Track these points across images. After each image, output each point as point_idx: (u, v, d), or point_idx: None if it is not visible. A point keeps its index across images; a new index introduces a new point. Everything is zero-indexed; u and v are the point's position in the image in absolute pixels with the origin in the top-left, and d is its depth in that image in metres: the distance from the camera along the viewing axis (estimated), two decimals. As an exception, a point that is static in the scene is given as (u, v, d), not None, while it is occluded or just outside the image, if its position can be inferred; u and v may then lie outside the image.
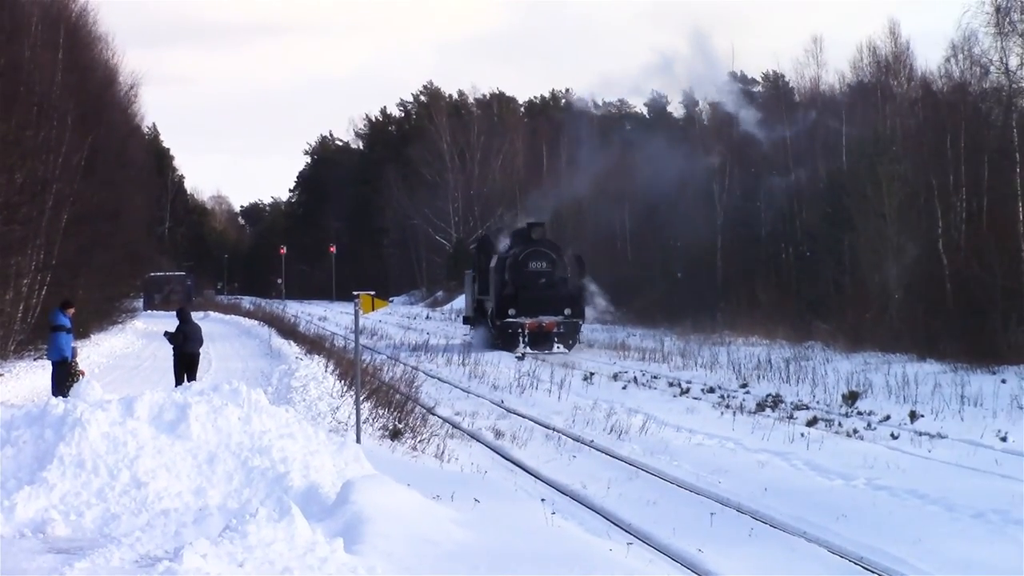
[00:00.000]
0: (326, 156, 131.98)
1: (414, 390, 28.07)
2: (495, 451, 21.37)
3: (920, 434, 22.09)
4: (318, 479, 13.69)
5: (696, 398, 29.13)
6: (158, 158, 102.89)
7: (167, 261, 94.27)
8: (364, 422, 20.34)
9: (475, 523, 12.54)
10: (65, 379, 21.54)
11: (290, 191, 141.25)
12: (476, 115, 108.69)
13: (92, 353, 38.12)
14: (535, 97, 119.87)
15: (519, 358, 40.87)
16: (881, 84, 51.75)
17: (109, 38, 54.23)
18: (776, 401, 27.62)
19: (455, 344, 48.21)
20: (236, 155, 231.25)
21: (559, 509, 15.45)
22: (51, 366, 22.92)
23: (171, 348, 24.84)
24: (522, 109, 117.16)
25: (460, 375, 35.48)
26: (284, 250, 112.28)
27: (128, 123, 62.87)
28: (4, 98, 32.49)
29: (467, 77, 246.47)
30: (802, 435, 22.11)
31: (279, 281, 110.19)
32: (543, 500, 15.96)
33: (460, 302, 65.96)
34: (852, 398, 26.78)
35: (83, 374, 21.87)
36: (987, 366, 32.54)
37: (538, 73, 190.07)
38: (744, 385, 31.78)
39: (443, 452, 20.01)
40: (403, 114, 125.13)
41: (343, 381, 26.86)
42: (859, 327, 42.18)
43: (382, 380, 28.25)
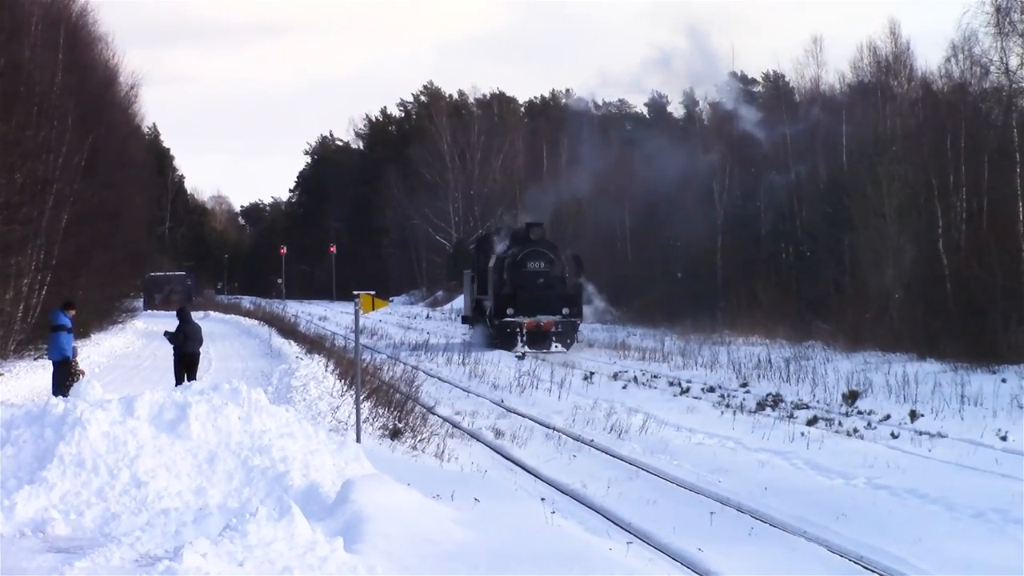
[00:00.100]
0: (326, 156, 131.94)
1: (414, 389, 28.04)
2: (495, 450, 21.35)
3: (920, 433, 22.07)
4: (318, 478, 13.68)
5: (696, 397, 29.12)
6: (158, 158, 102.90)
7: (167, 261, 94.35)
8: (364, 421, 20.34)
9: (475, 522, 12.53)
10: (66, 379, 21.54)
11: (290, 191, 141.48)
12: (476, 115, 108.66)
13: (92, 353, 38.12)
14: (535, 97, 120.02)
15: (519, 357, 40.87)
16: (881, 84, 51.73)
17: (109, 38, 54.42)
18: (776, 400, 27.60)
19: (455, 344, 48.20)
20: (236, 155, 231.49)
21: (559, 508, 15.45)
22: (52, 366, 22.93)
23: (171, 348, 24.85)
24: (522, 109, 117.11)
25: (460, 374, 35.47)
26: (284, 250, 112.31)
27: (128, 123, 62.89)
28: (4, 98, 32.50)
29: (467, 77, 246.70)
30: (802, 434, 22.09)
31: (279, 281, 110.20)
32: (543, 499, 15.96)
33: (460, 302, 65.94)
34: (852, 397, 26.75)
35: (83, 373, 21.87)
36: (987, 365, 32.53)
37: (538, 73, 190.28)
38: (744, 384, 31.76)
39: (443, 451, 20.00)
40: (403, 114, 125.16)
41: (343, 380, 26.85)
42: (859, 327, 42.17)
43: (382, 379, 28.23)
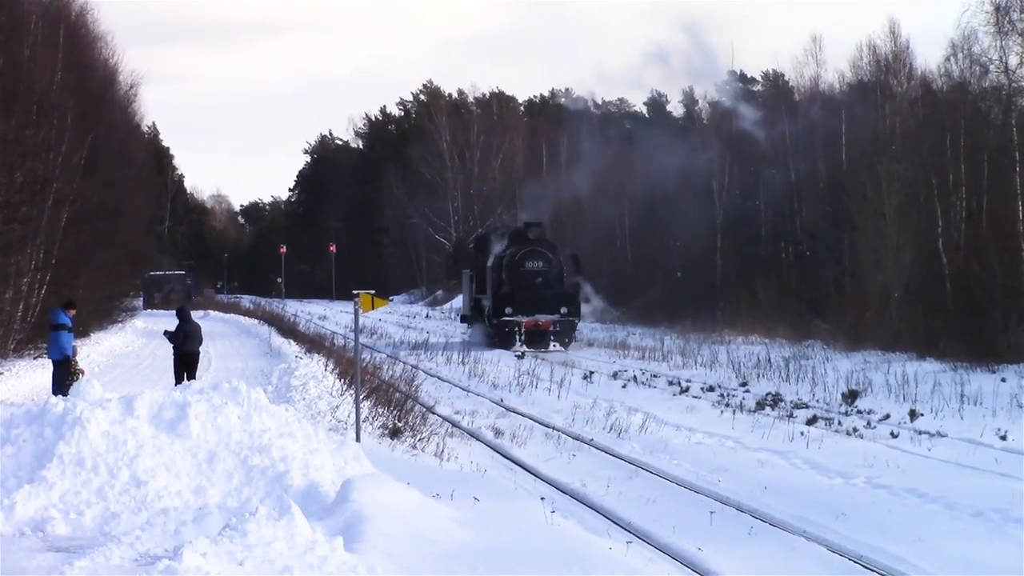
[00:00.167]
0: (326, 155, 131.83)
1: (414, 389, 28.02)
2: (495, 450, 21.32)
3: (920, 433, 22.04)
4: (318, 478, 13.68)
5: (696, 397, 29.10)
6: (158, 157, 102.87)
7: (167, 260, 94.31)
8: (364, 421, 20.32)
9: (475, 522, 12.53)
10: (65, 378, 21.53)
11: (290, 190, 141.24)
12: (476, 114, 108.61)
13: (92, 352, 38.11)
14: (535, 96, 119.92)
15: (518, 356, 40.86)
16: (881, 83, 51.68)
17: (109, 37, 54.29)
18: (776, 400, 27.58)
19: (455, 343, 48.20)
20: (236, 154, 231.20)
21: (559, 508, 15.44)
22: (52, 365, 22.93)
23: (171, 347, 24.84)
24: (522, 108, 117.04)
25: (460, 374, 35.45)
26: (284, 249, 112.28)
27: (128, 122, 62.84)
28: (4, 97, 32.49)
29: (467, 76, 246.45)
30: (802, 434, 22.07)
31: (279, 280, 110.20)
32: (543, 499, 15.94)
33: (459, 301, 65.95)
34: (852, 397, 26.73)
35: (83, 373, 21.86)
36: (987, 365, 32.51)
37: (538, 72, 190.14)
38: (744, 384, 31.73)
39: (443, 451, 19.98)
40: (403, 113, 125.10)
41: (343, 380, 26.84)
42: (859, 326, 42.14)
43: (382, 379, 28.21)
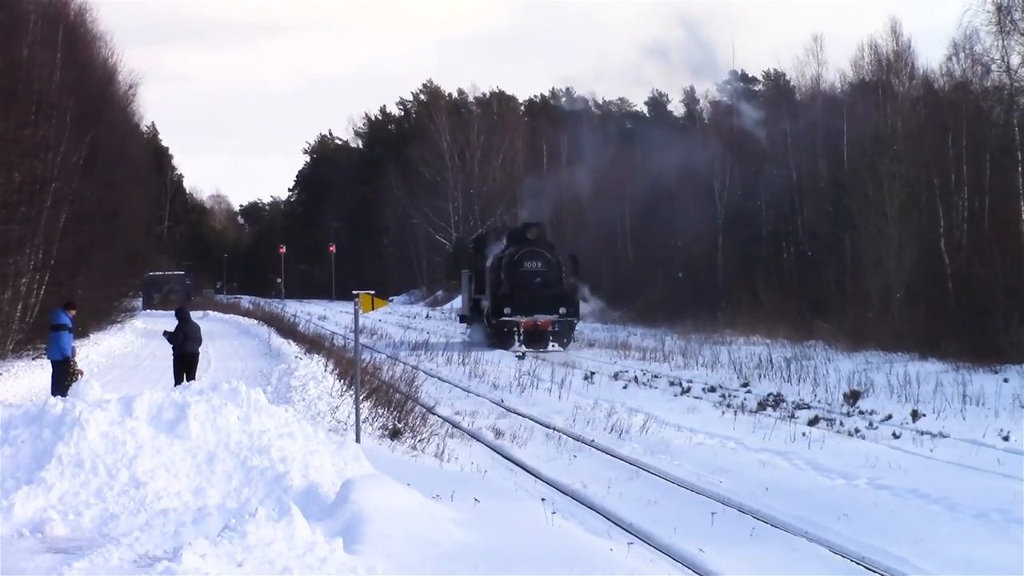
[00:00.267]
0: (325, 155, 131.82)
1: (414, 389, 27.97)
2: (495, 450, 21.28)
3: (922, 433, 21.99)
4: (317, 479, 13.63)
5: (697, 397, 29.04)
6: (157, 157, 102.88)
7: (166, 260, 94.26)
8: (364, 421, 20.27)
9: (475, 523, 12.49)
10: (64, 378, 21.49)
11: (289, 190, 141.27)
12: (476, 114, 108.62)
13: (91, 352, 38.06)
14: (535, 96, 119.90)
15: (519, 357, 40.83)
16: (882, 82, 51.63)
17: (108, 36, 54.17)
18: (777, 400, 27.52)
19: (455, 343, 48.19)
20: (235, 154, 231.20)
21: (559, 509, 15.38)
22: (51, 365, 22.88)
23: (170, 347, 24.79)
24: (522, 108, 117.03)
25: (460, 374, 35.40)
26: (283, 249, 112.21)
27: (127, 122, 62.78)
28: (2, 96, 32.45)
29: (467, 76, 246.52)
30: (803, 434, 22.02)
31: (278, 280, 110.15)
32: (543, 500, 15.89)
33: (459, 301, 65.96)
34: (854, 397, 26.68)
35: (82, 373, 21.82)
36: (989, 365, 32.45)
37: (538, 72, 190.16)
38: (745, 384, 31.68)
39: (443, 451, 19.93)
40: (403, 113, 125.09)
41: (343, 380, 26.78)
42: (860, 326, 42.09)
43: (382, 379, 28.16)
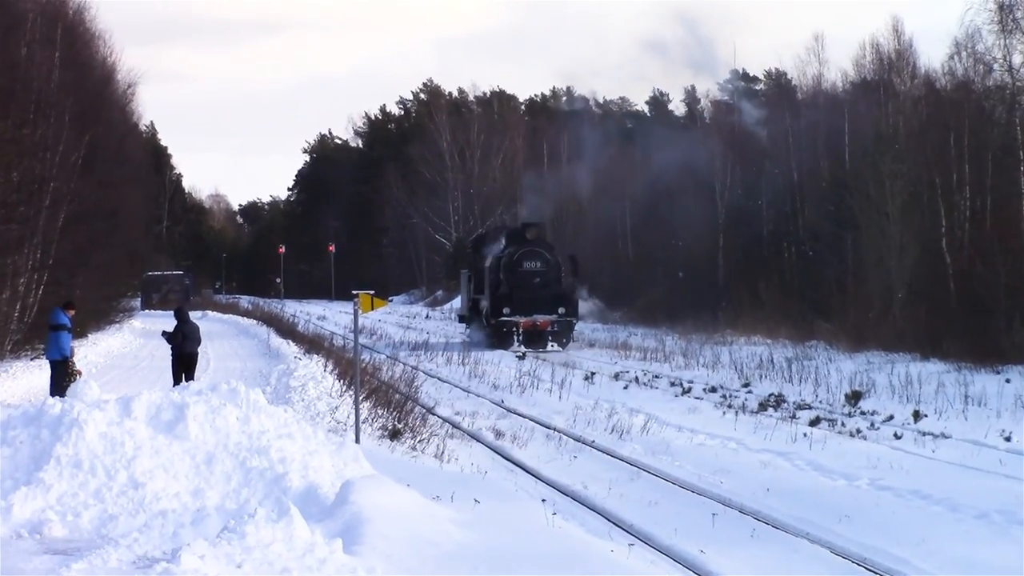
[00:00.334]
0: (325, 154, 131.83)
1: (414, 390, 27.94)
2: (495, 451, 21.23)
3: (924, 434, 21.94)
4: (317, 479, 13.60)
5: (698, 398, 28.99)
6: (156, 156, 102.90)
7: (165, 260, 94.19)
8: (363, 422, 20.21)
9: (475, 524, 12.45)
10: (63, 379, 21.45)
11: (289, 190, 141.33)
12: (476, 113, 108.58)
13: (89, 353, 38.02)
14: (535, 95, 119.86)
15: (519, 357, 40.79)
16: (884, 82, 51.56)
17: (107, 35, 54.00)
18: (779, 401, 27.47)
19: (455, 343, 48.16)
20: (234, 153, 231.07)
21: (560, 510, 15.33)
22: (49, 366, 22.83)
23: (169, 348, 24.74)
24: (522, 107, 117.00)
25: (460, 375, 35.35)
26: (283, 249, 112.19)
27: (126, 121, 62.68)
28: (1, 95, 32.38)
29: (467, 75, 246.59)
30: (805, 435, 21.96)
31: (278, 280, 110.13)
32: (544, 501, 15.84)
33: (459, 301, 65.98)
34: (855, 398, 26.62)
35: (80, 374, 21.78)
36: (991, 365, 32.38)
37: (538, 71, 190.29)
38: (746, 385, 31.63)
39: (443, 452, 19.89)
40: (403, 112, 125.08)
41: (342, 381, 26.74)
42: (862, 326, 42.01)
43: (381, 380, 28.13)
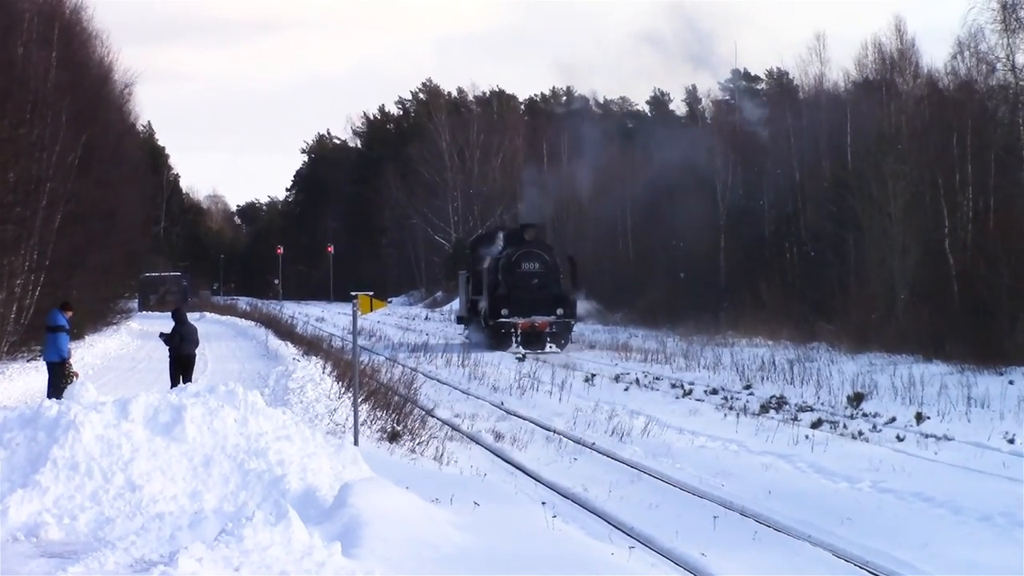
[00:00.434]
0: (324, 155, 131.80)
1: (413, 392, 27.89)
2: (495, 454, 21.20)
3: (926, 436, 21.90)
4: (315, 482, 13.53)
5: (699, 400, 28.94)
6: (153, 156, 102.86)
7: (162, 261, 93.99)
8: (362, 424, 20.14)
9: (475, 526, 12.39)
10: (60, 380, 21.39)
11: (287, 190, 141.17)
12: (476, 113, 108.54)
13: (86, 354, 37.94)
14: (535, 95, 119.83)
15: (519, 359, 40.76)
16: (886, 81, 51.49)
17: (104, 35, 53.89)
18: (780, 403, 27.43)
19: (454, 345, 48.15)
20: (232, 154, 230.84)
21: (560, 512, 15.25)
22: (46, 367, 22.76)
23: (167, 349, 24.67)
24: (522, 107, 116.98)
25: (459, 376, 35.30)
26: (281, 250, 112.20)
27: (123, 121, 62.60)
28: (-2, 95, 32.32)
29: (466, 75, 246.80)
30: (807, 437, 21.91)
31: (276, 281, 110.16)
32: (544, 503, 15.76)
33: (458, 303, 66.01)
34: (857, 400, 26.56)
35: (77, 375, 21.73)
36: (994, 367, 32.30)
37: (538, 71, 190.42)
38: (748, 387, 31.58)
39: (442, 454, 19.85)
40: (402, 112, 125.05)
41: (341, 383, 26.68)
42: (864, 328, 41.91)
43: (380, 381, 28.09)
